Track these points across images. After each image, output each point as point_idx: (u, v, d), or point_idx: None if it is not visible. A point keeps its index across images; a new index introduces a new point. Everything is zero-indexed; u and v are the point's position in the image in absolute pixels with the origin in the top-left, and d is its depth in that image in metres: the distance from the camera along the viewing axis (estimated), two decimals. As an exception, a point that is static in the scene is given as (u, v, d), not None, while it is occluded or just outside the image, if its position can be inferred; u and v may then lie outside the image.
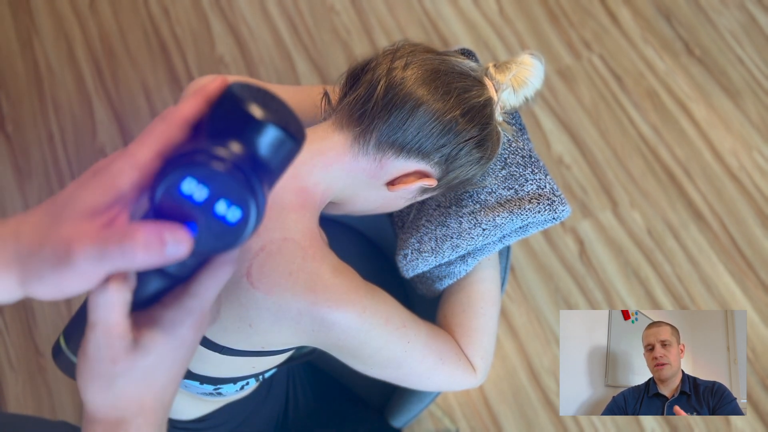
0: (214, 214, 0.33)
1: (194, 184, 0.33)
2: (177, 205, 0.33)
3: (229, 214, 0.33)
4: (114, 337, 0.37)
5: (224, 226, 0.33)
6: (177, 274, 0.38)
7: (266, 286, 0.58)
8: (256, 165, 0.35)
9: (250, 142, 0.35)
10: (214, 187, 0.33)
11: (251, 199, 0.33)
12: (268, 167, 0.36)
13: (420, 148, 0.64)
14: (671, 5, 1.83)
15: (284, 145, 0.36)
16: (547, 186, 0.72)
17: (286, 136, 0.36)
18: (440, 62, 0.65)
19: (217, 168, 0.32)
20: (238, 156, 0.34)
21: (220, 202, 0.33)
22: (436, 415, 1.36)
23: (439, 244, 0.75)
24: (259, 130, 0.35)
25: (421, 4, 1.81)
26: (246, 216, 0.33)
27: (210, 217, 0.33)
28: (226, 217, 0.33)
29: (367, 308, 0.61)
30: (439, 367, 0.70)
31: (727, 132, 1.66)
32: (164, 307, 0.39)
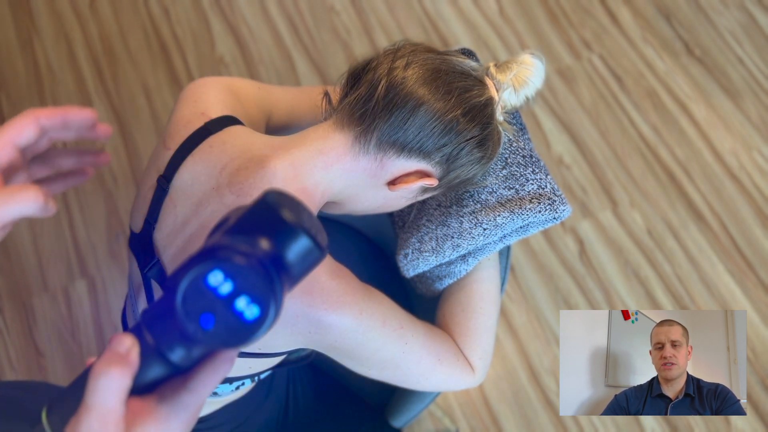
0: (233, 309, 0.34)
1: (221, 276, 0.33)
2: (199, 296, 0.34)
3: (248, 311, 0.34)
4: (109, 423, 0.35)
5: (240, 322, 0.34)
6: (180, 364, 0.38)
7: None
8: (281, 267, 0.35)
9: (279, 244, 0.36)
10: (239, 282, 0.33)
11: (272, 299, 0.34)
12: (291, 272, 0.36)
13: (421, 147, 0.64)
14: (671, 5, 1.83)
15: (311, 254, 0.37)
16: (548, 186, 0.72)
17: (313, 245, 0.37)
18: (441, 62, 0.65)
19: (244, 263, 0.33)
20: (267, 254, 0.35)
21: (241, 297, 0.33)
22: (436, 415, 1.36)
23: (440, 243, 0.75)
24: (290, 235, 0.36)
25: (421, 4, 1.81)
26: (264, 315, 0.34)
27: (229, 311, 0.34)
28: (244, 313, 0.33)
29: (364, 310, 0.61)
30: (437, 367, 0.70)
31: (727, 132, 1.66)
32: (161, 398, 0.38)
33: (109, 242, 1.49)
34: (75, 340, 1.39)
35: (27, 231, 1.49)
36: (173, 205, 0.67)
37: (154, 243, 0.68)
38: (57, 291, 1.44)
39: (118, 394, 0.35)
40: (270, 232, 0.36)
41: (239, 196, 0.63)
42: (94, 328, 1.41)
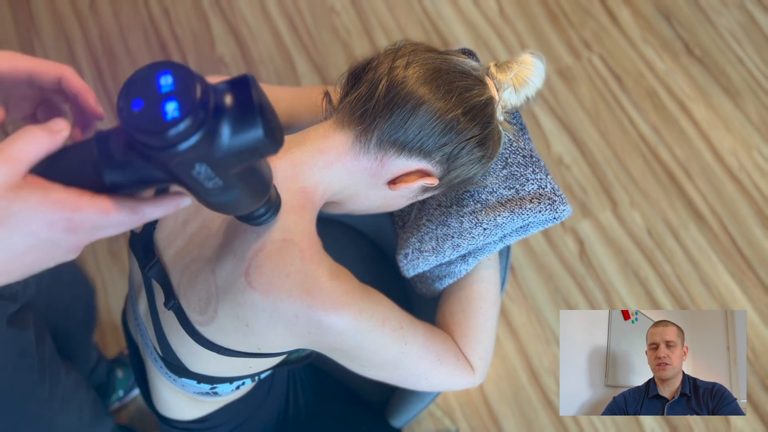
0: (161, 105, 0.37)
1: (170, 81, 0.38)
2: (145, 86, 0.38)
3: (170, 112, 0.37)
4: (5, 165, 0.39)
5: (160, 117, 0.37)
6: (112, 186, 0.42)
7: (263, 287, 0.58)
8: (220, 116, 0.39)
9: (234, 108, 0.40)
10: (180, 92, 0.37)
11: (193, 116, 0.37)
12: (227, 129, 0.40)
13: (421, 147, 0.64)
14: (671, 5, 1.83)
15: (254, 134, 0.40)
16: (548, 186, 0.72)
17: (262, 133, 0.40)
18: (442, 61, 0.65)
19: (196, 90, 0.37)
20: (217, 102, 0.39)
21: (173, 102, 0.37)
22: (436, 415, 1.36)
23: (440, 243, 0.75)
24: (247, 111, 0.40)
25: (421, 4, 1.81)
26: (179, 119, 0.37)
27: (156, 105, 0.37)
28: (167, 113, 0.37)
29: (364, 311, 0.61)
30: (437, 367, 0.70)
31: (727, 132, 1.66)
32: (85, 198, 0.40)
33: (109, 242, 1.49)
34: (75, 340, 1.39)
35: (27, 231, 1.49)
36: (173, 205, 0.67)
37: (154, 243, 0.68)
38: (57, 291, 1.44)
39: (28, 151, 0.40)
40: (235, 94, 0.40)
41: (239, 196, 0.63)
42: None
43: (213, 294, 0.61)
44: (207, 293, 0.62)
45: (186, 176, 0.41)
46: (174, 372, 0.71)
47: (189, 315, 0.64)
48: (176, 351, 0.68)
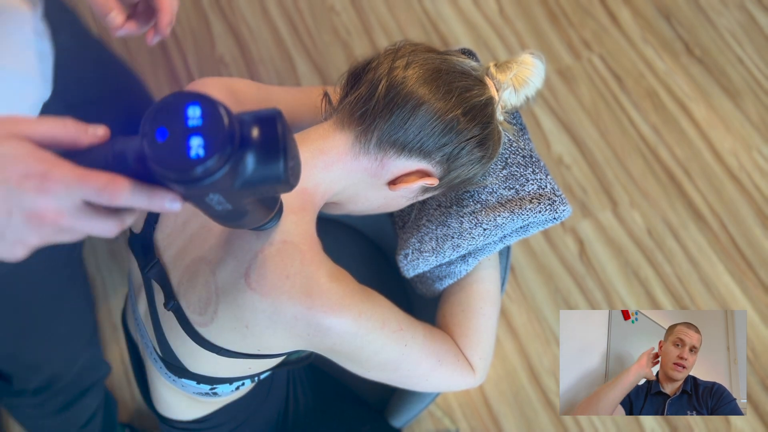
0: (186, 140, 0.36)
1: (198, 113, 0.37)
2: (172, 115, 0.37)
3: (194, 149, 0.36)
4: (17, 120, 0.39)
5: (183, 152, 0.36)
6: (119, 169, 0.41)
7: (263, 288, 0.58)
8: (245, 150, 0.39)
9: (259, 144, 0.39)
10: (207, 128, 0.37)
11: (218, 155, 0.36)
12: (250, 169, 0.39)
13: (421, 147, 0.64)
14: (671, 5, 1.83)
15: (276, 174, 0.40)
16: (548, 186, 0.72)
17: (282, 172, 0.40)
18: (441, 61, 0.65)
19: (224, 122, 0.37)
20: (244, 136, 0.39)
21: (198, 137, 0.36)
22: (436, 415, 1.36)
23: (440, 243, 0.75)
24: (272, 148, 0.39)
25: (421, 4, 1.81)
26: (203, 160, 0.36)
27: (181, 139, 0.37)
28: (191, 149, 0.36)
29: (363, 313, 0.61)
30: (437, 368, 0.70)
31: (727, 132, 1.66)
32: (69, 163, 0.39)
33: (109, 242, 1.49)
34: (75, 340, 1.39)
35: (27, 231, 1.49)
36: (173, 206, 0.67)
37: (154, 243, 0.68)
38: (57, 291, 1.44)
39: (46, 126, 0.40)
40: (261, 130, 0.39)
41: (239, 197, 0.63)
42: (94, 328, 1.41)
43: (213, 295, 0.61)
44: (207, 294, 0.62)
45: (198, 201, 0.41)
46: (174, 372, 0.71)
47: (189, 316, 0.64)
48: (176, 351, 0.68)
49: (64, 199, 0.39)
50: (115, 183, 0.39)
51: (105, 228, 0.41)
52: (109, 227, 0.41)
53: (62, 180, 0.38)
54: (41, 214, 0.39)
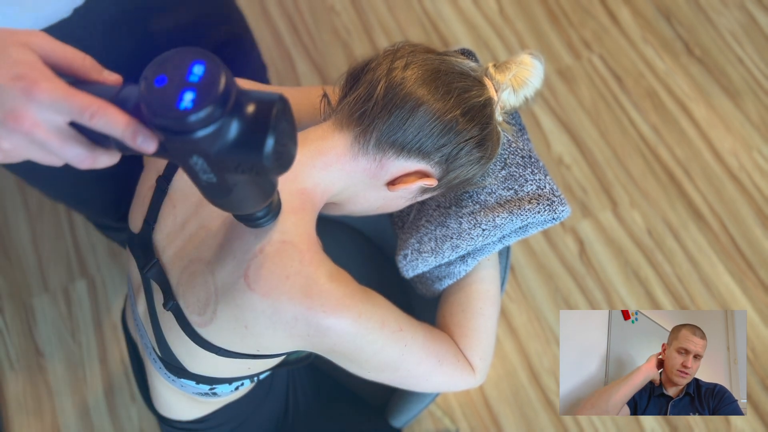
0: (180, 92, 0.37)
1: (201, 71, 0.38)
2: (176, 66, 0.38)
3: (185, 102, 0.37)
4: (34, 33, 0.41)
5: (173, 102, 0.37)
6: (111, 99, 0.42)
7: (263, 289, 0.58)
8: (234, 115, 0.39)
9: (250, 119, 0.40)
10: (204, 86, 0.38)
11: (205, 113, 0.37)
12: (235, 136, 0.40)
13: (420, 147, 0.64)
14: (671, 5, 1.83)
15: (257, 151, 0.40)
16: (547, 186, 0.72)
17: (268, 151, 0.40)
18: (440, 62, 0.65)
19: (222, 85, 0.38)
20: (237, 108, 0.39)
21: (191, 92, 0.37)
22: (436, 415, 1.36)
23: (439, 244, 0.75)
24: (262, 126, 0.40)
25: (421, 4, 1.81)
26: (189, 112, 0.37)
27: (176, 90, 0.38)
28: (183, 100, 0.37)
29: (363, 313, 0.61)
30: (437, 368, 0.70)
31: (727, 132, 1.66)
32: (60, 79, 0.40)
33: (109, 242, 1.49)
34: (75, 340, 1.39)
35: (27, 231, 1.49)
36: (172, 206, 0.67)
37: (153, 243, 0.68)
38: (57, 291, 1.44)
39: (63, 51, 0.42)
40: (257, 107, 0.40)
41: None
42: (94, 328, 1.41)
43: (212, 295, 0.61)
44: (206, 294, 0.62)
45: (181, 160, 0.41)
46: (173, 372, 0.71)
47: (188, 316, 0.64)
48: (175, 352, 0.68)
49: (46, 111, 0.39)
50: (100, 105, 0.40)
51: (76, 155, 0.42)
52: (81, 157, 0.42)
53: (51, 90, 0.39)
54: (19, 117, 0.39)
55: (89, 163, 0.43)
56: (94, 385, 1.36)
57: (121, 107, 0.40)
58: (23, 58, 0.40)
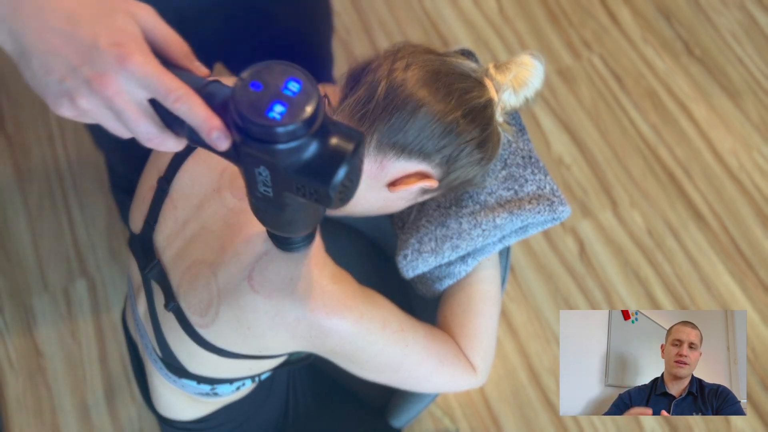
0: (272, 102, 0.38)
1: (297, 88, 0.39)
2: (273, 75, 0.40)
3: (274, 112, 0.38)
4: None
5: (264, 111, 0.38)
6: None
7: (267, 291, 0.58)
8: (320, 140, 0.40)
9: (334, 144, 0.41)
10: (296, 103, 0.39)
11: (291, 128, 0.38)
12: (313, 160, 0.41)
13: (421, 149, 0.64)
14: (671, 5, 1.83)
15: (326, 180, 0.40)
16: (547, 186, 0.72)
17: (334, 185, 0.41)
18: (441, 63, 0.65)
19: (312, 109, 0.39)
20: (321, 130, 0.41)
21: (281, 105, 0.38)
22: (436, 415, 1.36)
23: (439, 244, 0.75)
24: (340, 156, 0.41)
25: (421, 4, 1.81)
26: (275, 123, 0.38)
27: (269, 99, 0.39)
28: (273, 110, 0.38)
29: (364, 314, 0.61)
30: (438, 369, 0.70)
31: (727, 132, 1.66)
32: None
33: (110, 242, 1.49)
34: (75, 340, 1.39)
35: (27, 231, 1.49)
36: (173, 207, 0.67)
37: (154, 244, 0.68)
38: (57, 291, 1.44)
39: (169, 35, 0.43)
40: (340, 139, 0.41)
41: (240, 199, 0.63)
42: (94, 328, 1.41)
43: (214, 296, 0.61)
44: (208, 295, 0.62)
45: (248, 167, 0.42)
46: (174, 373, 0.71)
47: (189, 317, 0.64)
48: (175, 352, 0.68)
49: (133, 84, 0.40)
50: (186, 92, 0.40)
51: (147, 132, 0.42)
52: (150, 135, 0.42)
53: (143, 65, 0.40)
54: (106, 81, 0.39)
55: (157, 143, 0.43)
56: (94, 385, 1.36)
57: (205, 100, 0.41)
58: (126, 27, 0.41)
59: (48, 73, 0.40)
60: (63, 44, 0.39)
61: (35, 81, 0.41)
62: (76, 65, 0.39)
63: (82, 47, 0.39)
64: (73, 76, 0.40)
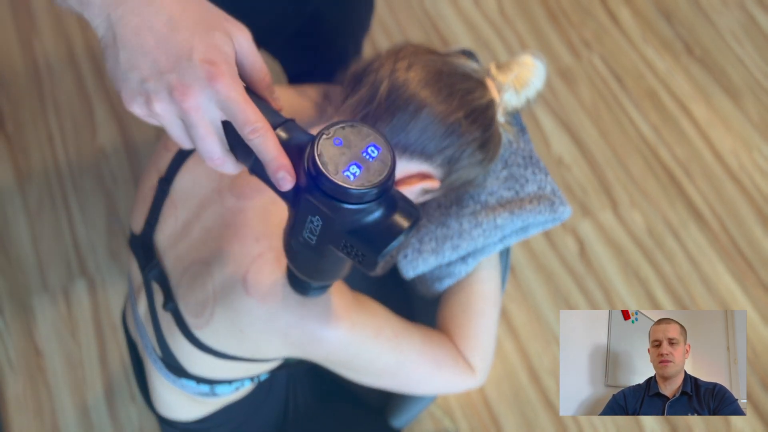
0: (350, 164, 0.39)
1: (376, 153, 0.40)
2: (359, 138, 0.40)
3: (348, 172, 0.39)
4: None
5: (338, 166, 0.39)
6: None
7: (260, 294, 0.58)
8: (377, 208, 0.41)
9: (394, 218, 0.42)
10: (372, 170, 0.40)
11: (361, 192, 0.39)
12: (369, 224, 0.42)
13: (423, 150, 0.64)
14: (671, 5, 1.83)
15: (375, 249, 0.41)
16: (548, 186, 0.72)
17: (380, 256, 0.41)
18: (443, 64, 0.65)
19: (386, 176, 0.40)
20: (391, 202, 0.42)
21: (356, 168, 0.39)
22: (436, 415, 1.36)
23: (440, 244, 0.75)
24: (394, 232, 0.42)
25: (421, 4, 1.81)
26: (347, 182, 0.39)
27: (348, 160, 0.39)
28: (349, 170, 0.39)
29: (357, 323, 0.61)
30: (435, 372, 0.70)
31: (727, 132, 1.66)
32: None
33: (109, 242, 1.48)
34: (75, 340, 1.39)
35: (27, 231, 1.49)
36: (174, 207, 0.67)
37: (154, 244, 0.68)
38: (57, 291, 1.44)
39: (256, 61, 0.44)
40: (401, 214, 0.42)
41: (240, 199, 0.63)
42: (94, 328, 1.41)
43: (210, 297, 0.61)
44: (204, 296, 0.62)
45: (302, 211, 0.42)
46: (174, 372, 0.71)
47: (186, 317, 0.64)
48: (174, 352, 0.68)
49: (213, 103, 0.40)
50: (264, 127, 0.40)
51: (210, 151, 0.42)
52: (213, 155, 0.43)
53: (230, 90, 0.40)
54: (188, 94, 0.40)
55: (217, 164, 0.43)
56: (94, 385, 1.36)
57: (279, 138, 0.42)
58: (222, 47, 0.41)
59: (132, 69, 0.40)
60: (156, 46, 0.40)
61: (116, 72, 0.41)
62: (163, 70, 0.39)
63: (175, 54, 0.39)
64: (157, 79, 0.40)
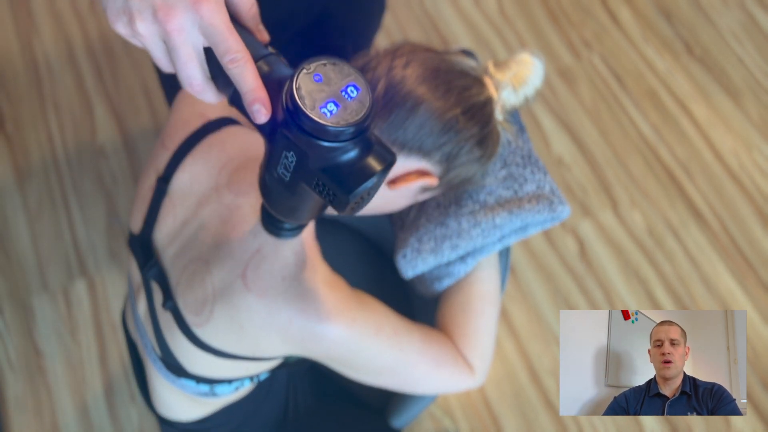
0: (328, 100, 0.39)
1: (355, 93, 0.40)
2: (339, 73, 0.40)
3: (326, 109, 0.39)
4: None
5: (316, 102, 0.39)
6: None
7: (260, 289, 0.58)
8: (353, 149, 0.41)
9: (370, 159, 0.42)
10: (351, 107, 0.39)
11: (337, 130, 0.39)
12: (340, 164, 0.41)
13: (421, 146, 0.64)
14: (671, 5, 1.83)
15: (346, 188, 0.41)
16: (547, 186, 0.72)
17: (352, 197, 0.41)
18: (440, 61, 0.65)
19: (365, 111, 0.39)
20: (364, 141, 0.41)
21: (337, 107, 0.39)
22: (436, 415, 1.35)
23: (439, 244, 0.75)
24: (366, 174, 0.41)
25: (421, 4, 1.81)
26: (323, 119, 0.38)
27: (328, 96, 0.39)
28: (327, 107, 0.39)
29: (357, 320, 0.61)
30: (435, 371, 0.70)
31: (728, 132, 1.66)
32: None
33: (110, 242, 1.48)
34: (75, 340, 1.39)
35: (26, 231, 1.49)
36: (172, 206, 0.67)
37: (153, 243, 0.68)
38: (57, 291, 1.44)
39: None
40: (375, 156, 0.42)
41: (238, 196, 0.63)
42: (94, 328, 1.41)
43: (210, 295, 0.61)
44: (204, 294, 0.62)
45: (277, 146, 0.42)
46: (173, 372, 0.71)
47: (185, 316, 0.64)
48: (174, 352, 0.68)
49: (196, 27, 0.40)
50: (244, 57, 0.40)
51: (190, 76, 0.42)
52: (193, 80, 0.42)
53: (213, 16, 0.39)
54: (172, 16, 0.39)
55: (197, 90, 0.43)
56: (93, 385, 1.36)
57: (260, 70, 0.41)
58: None
59: None
60: None
61: None
62: None
63: None
64: None
